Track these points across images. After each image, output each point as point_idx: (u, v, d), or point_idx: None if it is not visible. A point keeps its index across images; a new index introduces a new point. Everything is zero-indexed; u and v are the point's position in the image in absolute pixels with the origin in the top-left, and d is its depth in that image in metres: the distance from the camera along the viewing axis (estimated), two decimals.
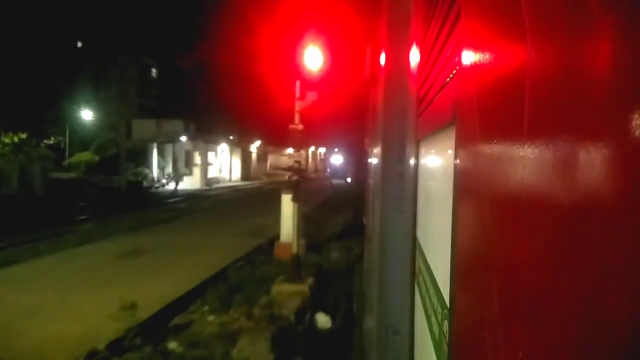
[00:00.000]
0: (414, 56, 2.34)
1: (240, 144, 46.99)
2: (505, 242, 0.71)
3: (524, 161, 0.62)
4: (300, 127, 7.99)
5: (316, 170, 60.78)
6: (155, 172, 34.94)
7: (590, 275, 0.43)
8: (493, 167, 0.78)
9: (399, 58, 2.81)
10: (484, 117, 0.86)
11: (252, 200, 25.19)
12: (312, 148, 60.02)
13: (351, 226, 13.72)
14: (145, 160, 34.70)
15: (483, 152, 0.84)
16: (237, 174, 46.49)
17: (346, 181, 39.12)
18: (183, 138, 35.89)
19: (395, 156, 2.87)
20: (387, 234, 2.88)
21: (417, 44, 2.23)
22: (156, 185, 33.52)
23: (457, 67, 1.15)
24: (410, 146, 2.43)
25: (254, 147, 51.60)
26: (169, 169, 36.31)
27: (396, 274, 2.76)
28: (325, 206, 21.45)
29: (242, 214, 18.46)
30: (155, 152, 35.37)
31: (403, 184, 2.74)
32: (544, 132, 0.56)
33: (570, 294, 0.47)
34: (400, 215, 2.77)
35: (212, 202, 23.77)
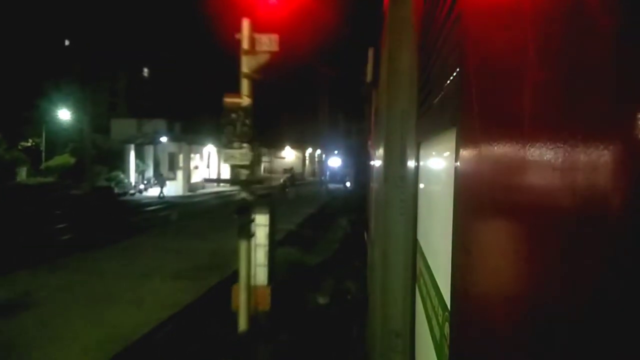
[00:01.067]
0: (416, 57, 2.35)
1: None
2: (506, 245, 0.71)
3: (525, 164, 0.62)
4: (246, 101, 4.74)
5: (314, 174, 59.78)
6: (132, 176, 31.28)
7: (592, 279, 0.43)
8: (494, 169, 0.78)
9: (400, 61, 2.82)
10: (484, 119, 0.86)
11: (232, 211, 20.34)
12: (310, 150, 58.77)
13: (349, 246, 10.91)
14: (122, 163, 31.24)
15: (484, 155, 0.84)
16: (227, 178, 44.77)
17: (345, 186, 37.34)
18: (163, 139, 32.06)
19: (396, 158, 2.87)
20: (388, 237, 2.88)
21: (418, 46, 2.23)
22: (131, 191, 29.65)
23: (458, 70, 1.15)
24: (411, 148, 2.43)
25: None
26: (150, 173, 32.48)
27: (397, 276, 2.76)
28: (318, 217, 18.11)
29: (211, 230, 14.28)
30: (132, 154, 31.68)
31: (404, 187, 2.74)
32: (544, 135, 0.56)
33: (571, 296, 0.47)
34: (401, 218, 2.77)
35: (184, 213, 19.61)
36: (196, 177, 34.97)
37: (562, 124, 0.51)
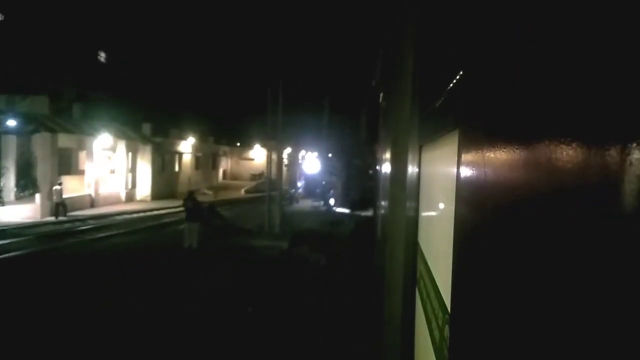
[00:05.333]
0: (420, 61, 2.35)
1: (154, 139, 28.26)
2: (507, 248, 0.70)
3: (527, 167, 0.62)
4: None
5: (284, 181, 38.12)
6: None
7: (595, 283, 0.43)
8: (495, 172, 0.78)
9: (406, 63, 2.82)
10: (487, 122, 0.86)
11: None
12: (289, 150, 39.95)
13: None
14: None
15: (486, 158, 0.84)
16: (147, 189, 28.01)
17: (327, 204, 24.99)
18: (11, 122, 19.70)
19: (400, 161, 2.87)
20: (390, 239, 2.88)
21: (421, 48, 2.23)
22: None
23: (460, 73, 1.15)
24: (413, 151, 2.43)
25: (188, 144, 31.94)
26: (9, 181, 21.24)
27: (397, 278, 2.76)
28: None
29: None
30: None
31: (406, 189, 2.74)
32: (546, 138, 0.56)
33: (573, 300, 0.47)
34: (403, 220, 2.77)
35: None
36: (87, 188, 23.09)
37: (565, 127, 0.51)
